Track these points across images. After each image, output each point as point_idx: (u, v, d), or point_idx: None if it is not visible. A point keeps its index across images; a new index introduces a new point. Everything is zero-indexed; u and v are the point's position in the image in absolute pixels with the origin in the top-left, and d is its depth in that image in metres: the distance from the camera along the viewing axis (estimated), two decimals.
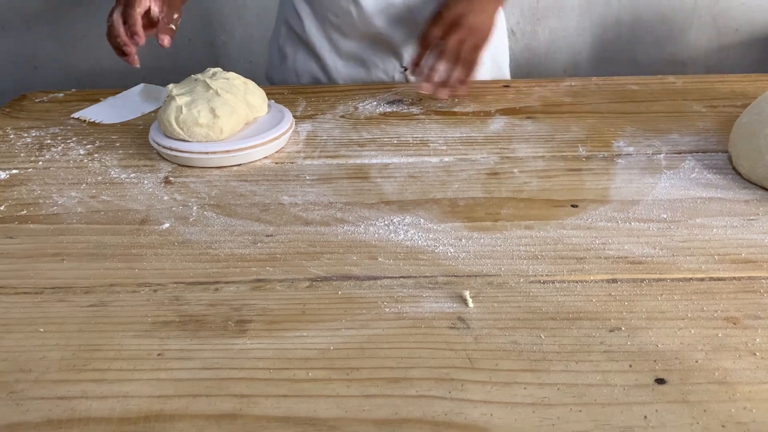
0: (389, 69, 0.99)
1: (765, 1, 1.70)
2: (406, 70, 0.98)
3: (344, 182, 0.70)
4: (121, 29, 0.80)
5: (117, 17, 0.80)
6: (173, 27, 0.85)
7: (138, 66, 0.82)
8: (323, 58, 1.01)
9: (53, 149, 0.79)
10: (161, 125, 0.75)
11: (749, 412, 0.41)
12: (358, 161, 0.74)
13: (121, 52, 0.81)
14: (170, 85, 0.77)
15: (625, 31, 1.76)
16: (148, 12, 0.83)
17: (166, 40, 0.82)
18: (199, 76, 0.78)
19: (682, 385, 0.43)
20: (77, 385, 0.45)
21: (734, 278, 0.53)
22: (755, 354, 0.45)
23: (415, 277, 0.54)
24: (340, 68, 1.01)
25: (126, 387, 0.44)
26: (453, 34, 0.82)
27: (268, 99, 0.82)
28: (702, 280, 0.53)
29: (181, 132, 0.73)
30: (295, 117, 0.86)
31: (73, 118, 0.88)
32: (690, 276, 0.53)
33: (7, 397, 0.44)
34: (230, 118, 0.75)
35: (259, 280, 0.55)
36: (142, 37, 0.79)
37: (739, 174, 0.67)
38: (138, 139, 0.81)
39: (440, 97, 0.84)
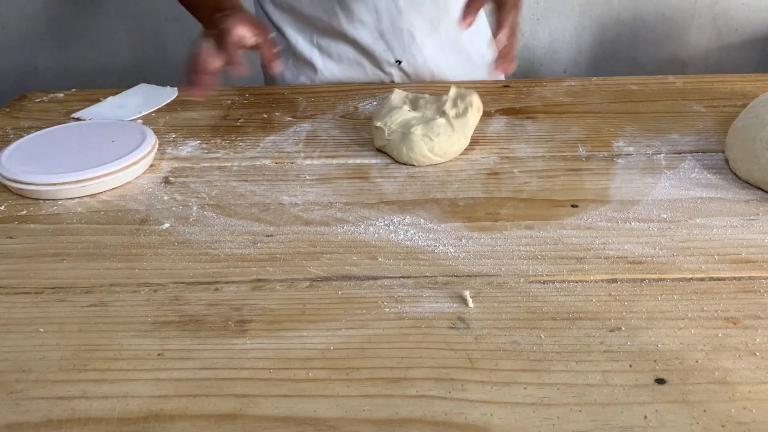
0: (383, 63, 0.99)
1: (765, 1, 1.70)
2: (400, 63, 0.98)
3: (344, 182, 0.70)
4: (211, 59, 0.72)
5: (208, 47, 0.73)
6: (275, 50, 0.78)
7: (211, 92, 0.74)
8: (315, 64, 1.00)
9: None
10: (412, 158, 0.71)
11: (749, 412, 0.41)
12: (358, 161, 0.74)
13: (196, 81, 0.73)
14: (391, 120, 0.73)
15: (625, 31, 1.76)
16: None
17: (278, 66, 0.78)
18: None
19: (682, 385, 0.43)
20: (77, 385, 0.45)
21: (734, 278, 0.53)
22: (755, 354, 0.45)
23: (415, 277, 0.54)
24: (334, 71, 1.00)
25: (126, 387, 0.44)
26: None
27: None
28: (702, 280, 0.53)
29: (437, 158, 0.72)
30: (295, 117, 0.86)
31: (73, 118, 0.88)
32: (690, 276, 0.53)
33: (7, 397, 0.44)
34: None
35: (259, 280, 0.55)
36: (242, 66, 0.73)
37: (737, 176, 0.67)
38: None
39: (509, 71, 0.77)
